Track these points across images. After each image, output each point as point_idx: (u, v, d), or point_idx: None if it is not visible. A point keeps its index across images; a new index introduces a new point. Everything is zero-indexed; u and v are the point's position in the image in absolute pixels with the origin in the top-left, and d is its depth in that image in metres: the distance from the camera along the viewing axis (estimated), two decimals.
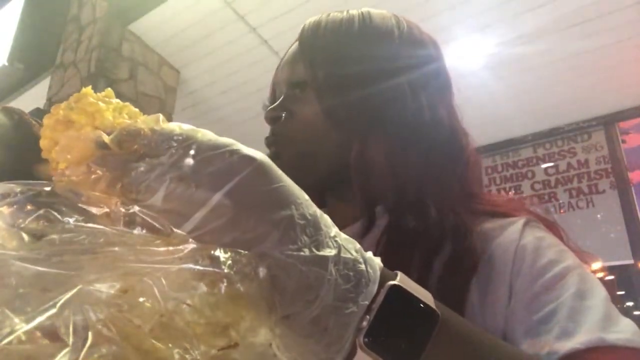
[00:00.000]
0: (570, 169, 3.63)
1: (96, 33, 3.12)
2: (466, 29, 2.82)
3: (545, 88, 3.24)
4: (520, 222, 0.51)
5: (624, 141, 3.48)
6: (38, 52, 3.67)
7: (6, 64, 3.65)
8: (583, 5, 2.59)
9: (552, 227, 0.55)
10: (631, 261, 3.20)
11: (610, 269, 3.52)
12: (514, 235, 0.49)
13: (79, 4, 3.48)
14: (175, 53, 3.31)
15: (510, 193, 3.82)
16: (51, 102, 3.20)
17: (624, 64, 2.99)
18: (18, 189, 0.26)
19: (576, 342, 0.37)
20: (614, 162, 3.44)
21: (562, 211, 3.57)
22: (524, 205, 0.58)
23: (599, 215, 3.42)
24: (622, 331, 0.39)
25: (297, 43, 0.62)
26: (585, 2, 2.57)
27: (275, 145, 0.59)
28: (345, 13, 0.61)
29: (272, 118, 0.60)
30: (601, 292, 0.44)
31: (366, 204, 0.55)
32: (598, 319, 0.40)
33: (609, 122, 3.52)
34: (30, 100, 3.73)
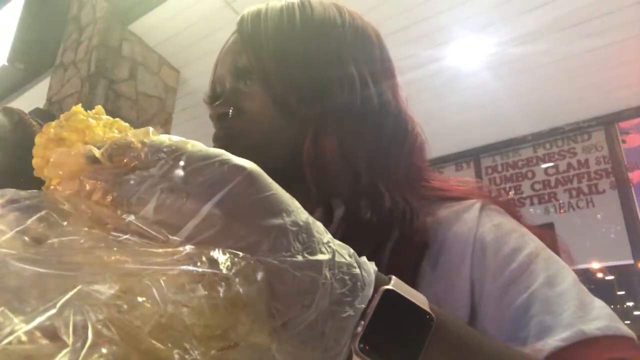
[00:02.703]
0: (570, 169, 3.64)
1: (96, 33, 3.12)
2: (466, 29, 2.82)
3: (545, 88, 3.24)
4: (475, 207, 0.50)
5: (624, 141, 3.48)
6: (38, 52, 3.68)
7: (6, 64, 3.66)
8: (583, 5, 2.59)
9: (507, 206, 0.53)
10: (631, 261, 3.20)
11: (610, 269, 3.52)
12: (470, 223, 0.48)
13: (79, 4, 3.48)
14: (175, 53, 3.31)
15: (510, 193, 3.82)
16: (51, 102, 3.21)
17: (624, 64, 2.99)
18: (23, 195, 0.26)
19: (557, 338, 0.37)
20: (614, 162, 3.44)
21: (562, 211, 3.57)
22: (477, 187, 0.57)
23: (599, 215, 3.42)
24: (599, 317, 0.39)
25: (235, 35, 0.60)
26: (585, 2, 2.57)
27: (226, 140, 0.57)
28: (284, 2, 0.59)
29: (220, 115, 0.58)
30: (569, 274, 0.43)
31: (322, 195, 0.53)
32: (574, 308, 0.39)
33: (609, 122, 3.52)
34: (30, 100, 3.73)
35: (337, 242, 0.31)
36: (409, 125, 0.59)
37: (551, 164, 3.73)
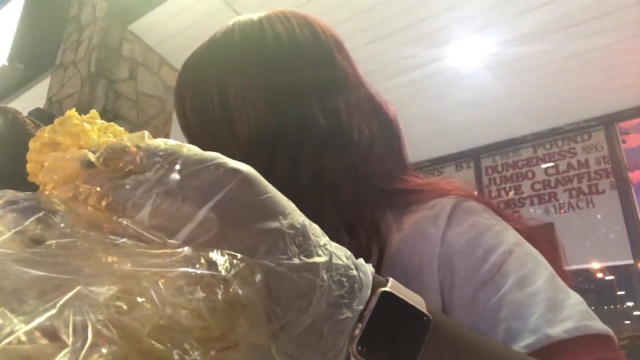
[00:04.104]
0: (570, 169, 3.64)
1: (96, 33, 3.12)
2: (466, 29, 2.82)
3: (545, 88, 3.24)
4: (447, 207, 0.48)
5: (624, 141, 3.48)
6: (38, 52, 3.67)
7: (6, 64, 3.65)
8: (583, 5, 2.59)
9: (486, 201, 0.51)
10: (631, 261, 3.20)
11: (610, 269, 3.52)
12: (441, 221, 0.47)
13: (79, 4, 3.48)
14: (175, 53, 3.31)
15: (510, 193, 3.82)
16: (51, 102, 3.21)
17: (624, 64, 2.99)
18: (21, 196, 0.26)
19: (522, 345, 0.36)
20: (614, 162, 3.44)
21: (562, 211, 3.57)
22: (455, 185, 0.54)
23: (599, 215, 3.42)
24: (570, 317, 0.37)
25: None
26: (585, 2, 2.57)
27: None
28: (217, 35, 0.60)
29: None
30: (543, 272, 0.41)
31: None
32: (543, 309, 0.38)
33: (609, 122, 3.52)
34: (30, 100, 3.73)
35: (335, 244, 0.31)
36: (354, 135, 0.53)
37: (551, 164, 3.73)
